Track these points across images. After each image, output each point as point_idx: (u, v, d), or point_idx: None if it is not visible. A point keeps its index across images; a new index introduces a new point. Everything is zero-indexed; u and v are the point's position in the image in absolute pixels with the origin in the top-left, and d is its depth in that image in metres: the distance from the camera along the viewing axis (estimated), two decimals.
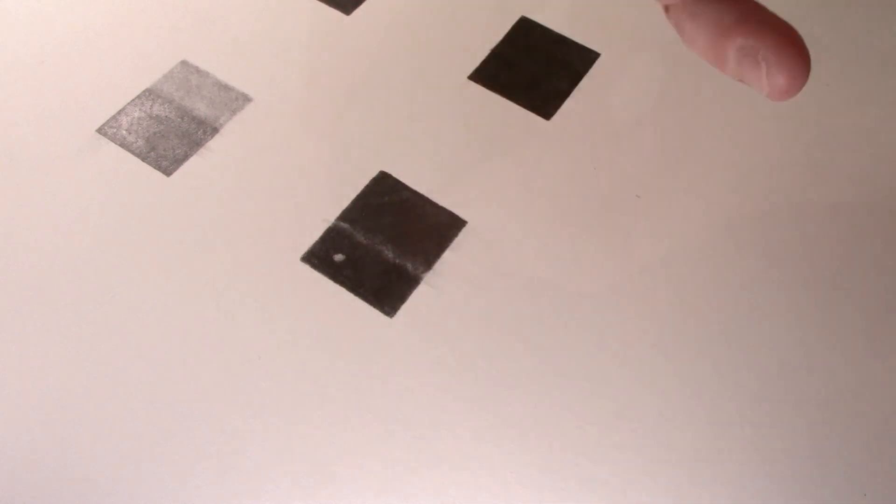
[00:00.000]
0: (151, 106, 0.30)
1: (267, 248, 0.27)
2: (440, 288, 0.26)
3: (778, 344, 0.25)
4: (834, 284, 0.26)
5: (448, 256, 0.27)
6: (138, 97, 0.30)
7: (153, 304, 0.26)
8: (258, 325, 0.25)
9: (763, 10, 0.19)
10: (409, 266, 0.26)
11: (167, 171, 0.29)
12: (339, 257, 0.27)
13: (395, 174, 0.29)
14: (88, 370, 0.24)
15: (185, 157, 0.29)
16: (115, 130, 0.30)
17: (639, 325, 0.25)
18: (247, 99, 0.31)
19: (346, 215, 0.28)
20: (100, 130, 0.30)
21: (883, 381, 0.24)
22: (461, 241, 0.27)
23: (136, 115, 0.30)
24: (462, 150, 0.29)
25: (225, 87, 0.31)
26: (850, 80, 0.31)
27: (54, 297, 0.26)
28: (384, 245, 0.27)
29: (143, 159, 0.29)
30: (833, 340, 0.25)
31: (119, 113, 0.30)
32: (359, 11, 0.33)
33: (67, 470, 0.23)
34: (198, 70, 0.31)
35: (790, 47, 0.18)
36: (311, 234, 0.27)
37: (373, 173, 0.29)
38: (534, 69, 0.31)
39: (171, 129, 0.30)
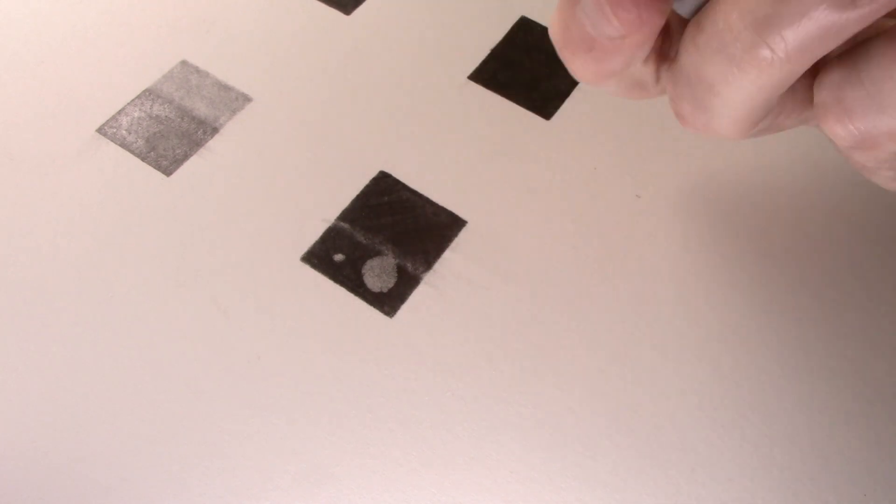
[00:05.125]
0: (151, 106, 0.30)
1: (267, 248, 0.27)
2: (440, 288, 0.26)
3: (778, 344, 0.25)
4: (835, 284, 0.26)
5: (448, 256, 0.27)
6: (138, 97, 0.30)
7: (153, 304, 0.26)
8: (258, 325, 0.25)
9: None
10: (409, 266, 0.26)
11: (167, 171, 0.29)
12: (339, 257, 0.27)
13: (395, 174, 0.29)
14: (88, 370, 0.24)
15: (185, 157, 0.29)
16: (115, 130, 0.30)
17: (639, 325, 0.25)
18: (247, 99, 0.31)
19: (346, 215, 0.28)
20: (100, 130, 0.30)
21: (883, 381, 0.24)
22: (461, 241, 0.27)
23: (136, 115, 0.30)
24: (462, 149, 0.29)
25: (225, 87, 0.31)
26: None
27: (54, 297, 0.26)
28: (384, 245, 0.27)
29: (143, 159, 0.29)
30: (833, 340, 0.25)
31: (119, 113, 0.30)
32: (359, 11, 0.33)
33: (67, 470, 0.23)
34: (198, 70, 0.31)
35: None
36: (311, 234, 0.27)
37: (373, 173, 0.29)
38: (534, 69, 0.31)
39: (171, 129, 0.30)
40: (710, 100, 0.18)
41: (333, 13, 0.33)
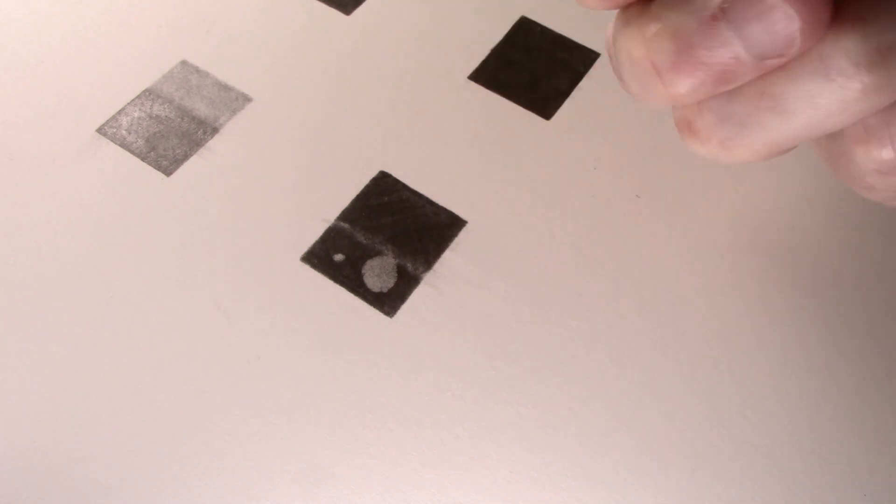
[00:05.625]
0: (151, 106, 0.30)
1: (267, 249, 0.27)
2: (440, 288, 0.26)
3: (778, 343, 0.25)
4: (834, 284, 0.26)
5: (448, 256, 0.27)
6: (138, 97, 0.30)
7: (153, 304, 0.26)
8: (258, 325, 0.25)
9: None
10: (409, 266, 0.26)
11: (167, 171, 0.29)
12: (339, 257, 0.27)
13: (395, 174, 0.29)
14: (88, 370, 0.24)
15: (185, 157, 0.29)
16: (115, 130, 0.30)
17: (639, 325, 0.25)
18: (247, 99, 0.31)
19: (346, 215, 0.28)
20: (100, 130, 0.30)
21: (883, 381, 0.24)
22: (461, 241, 0.27)
23: (136, 115, 0.30)
24: (462, 149, 0.29)
25: (225, 87, 0.31)
26: None
27: (54, 297, 0.26)
28: (384, 245, 0.27)
29: (143, 159, 0.29)
30: (833, 340, 0.25)
31: (119, 113, 0.30)
32: (359, 11, 0.33)
33: (67, 470, 0.23)
34: (198, 70, 0.31)
35: None
36: (311, 234, 0.27)
37: (373, 173, 0.29)
38: (534, 69, 0.31)
39: (171, 129, 0.30)
40: (768, 119, 0.16)
41: (333, 13, 0.33)
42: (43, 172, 0.29)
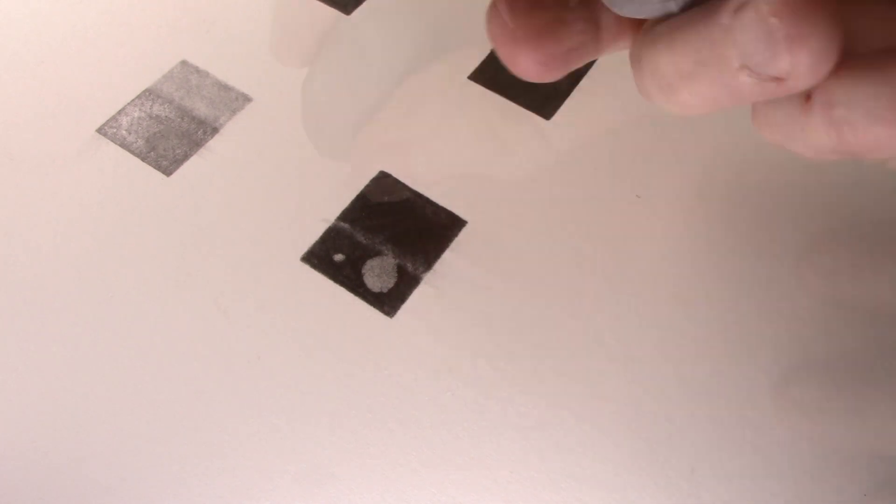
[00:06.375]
0: (151, 106, 0.30)
1: (267, 248, 0.27)
2: (440, 288, 0.26)
3: (778, 344, 0.25)
4: (834, 283, 0.26)
5: (448, 256, 0.27)
6: (138, 97, 0.30)
7: (153, 304, 0.26)
8: (258, 325, 0.25)
9: None
10: (409, 266, 0.26)
11: (167, 171, 0.29)
12: (339, 257, 0.27)
13: (395, 174, 0.29)
14: (88, 370, 0.24)
15: (185, 157, 0.29)
16: (115, 130, 0.30)
17: (639, 325, 0.25)
18: (247, 99, 0.31)
19: (346, 215, 0.28)
20: (100, 130, 0.30)
21: (883, 381, 0.24)
22: (461, 241, 0.27)
23: (136, 115, 0.30)
24: (462, 150, 0.29)
25: (225, 87, 0.31)
26: None
27: (54, 297, 0.26)
28: (384, 245, 0.27)
29: (143, 159, 0.29)
30: (832, 341, 0.25)
31: (119, 113, 0.30)
32: (359, 11, 0.33)
33: (67, 470, 0.23)
34: (198, 70, 0.31)
35: None
36: (311, 234, 0.27)
37: (373, 173, 0.29)
38: None
39: (171, 129, 0.30)
40: (679, 94, 0.17)
41: (333, 13, 0.33)
42: (43, 172, 0.29)
